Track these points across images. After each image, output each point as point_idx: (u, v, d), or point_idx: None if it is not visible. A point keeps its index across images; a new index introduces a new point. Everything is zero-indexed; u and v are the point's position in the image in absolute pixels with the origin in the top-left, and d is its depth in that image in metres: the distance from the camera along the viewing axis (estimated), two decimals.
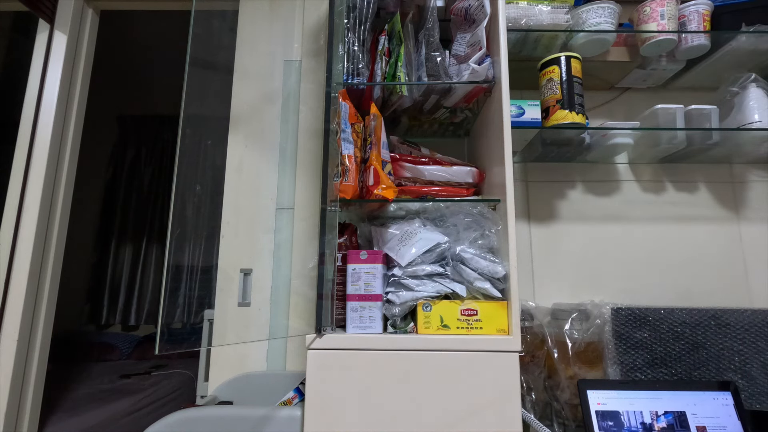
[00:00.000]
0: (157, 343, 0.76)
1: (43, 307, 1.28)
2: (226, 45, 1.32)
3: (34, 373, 1.24)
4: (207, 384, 1.13)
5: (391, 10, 1.04)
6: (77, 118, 1.42)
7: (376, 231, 0.95)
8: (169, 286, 1.11)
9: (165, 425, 0.83)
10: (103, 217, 2.88)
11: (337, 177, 0.86)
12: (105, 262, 2.82)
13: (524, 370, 0.93)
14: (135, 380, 2.01)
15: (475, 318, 0.83)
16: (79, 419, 1.54)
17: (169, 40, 2.18)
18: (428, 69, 0.96)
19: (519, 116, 0.99)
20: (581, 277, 1.17)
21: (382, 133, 0.90)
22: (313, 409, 0.79)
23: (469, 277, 0.84)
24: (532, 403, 0.94)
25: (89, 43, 1.46)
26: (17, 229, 1.26)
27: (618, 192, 1.21)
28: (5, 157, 1.34)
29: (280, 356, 1.15)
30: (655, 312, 0.96)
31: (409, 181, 0.95)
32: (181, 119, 0.75)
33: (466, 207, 0.91)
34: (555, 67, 0.96)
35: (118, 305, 2.76)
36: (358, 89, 0.99)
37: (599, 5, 1.03)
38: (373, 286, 0.85)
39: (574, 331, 0.95)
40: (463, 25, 0.99)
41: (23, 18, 1.93)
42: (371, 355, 0.81)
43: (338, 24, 0.95)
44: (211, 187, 1.28)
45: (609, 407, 0.79)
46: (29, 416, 1.23)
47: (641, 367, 0.93)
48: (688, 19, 1.05)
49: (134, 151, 2.97)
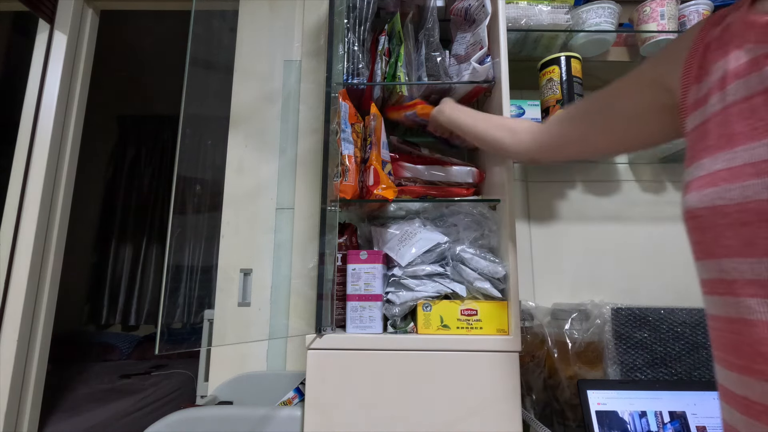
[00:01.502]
0: (157, 343, 0.76)
1: (43, 307, 1.28)
2: (226, 45, 1.32)
3: (34, 373, 1.24)
4: (207, 384, 1.13)
5: (391, 10, 1.04)
6: (77, 118, 1.42)
7: (376, 231, 0.95)
8: (169, 286, 1.11)
9: (165, 425, 0.83)
10: (103, 217, 2.88)
11: (337, 177, 0.86)
12: (105, 262, 2.82)
13: (524, 370, 0.93)
14: (135, 380, 2.01)
15: (475, 318, 0.83)
16: (79, 419, 1.54)
17: (168, 40, 2.18)
18: (428, 69, 0.96)
19: (519, 116, 0.99)
20: (581, 277, 1.17)
21: (382, 133, 0.90)
22: (313, 409, 0.79)
23: (469, 277, 0.84)
24: (532, 403, 0.94)
25: (89, 43, 1.47)
26: (17, 229, 1.26)
27: (618, 192, 1.21)
28: (5, 157, 1.34)
29: (280, 356, 1.15)
30: (655, 312, 0.96)
31: (409, 181, 0.95)
32: (181, 119, 0.75)
33: (466, 207, 0.91)
34: (555, 67, 0.96)
35: (118, 305, 2.76)
36: (358, 89, 0.99)
37: (599, 5, 1.03)
38: (373, 286, 0.85)
39: (574, 331, 0.95)
40: (463, 25, 0.99)
41: (23, 18, 1.93)
42: (371, 355, 0.81)
43: (338, 24, 0.95)
44: (211, 187, 1.28)
45: (609, 407, 0.79)
46: (29, 416, 1.23)
47: (641, 367, 0.93)
48: (688, 19, 1.05)
49: (134, 151, 2.97)
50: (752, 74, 0.35)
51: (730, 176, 0.35)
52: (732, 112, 0.36)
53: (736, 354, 0.36)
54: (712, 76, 0.40)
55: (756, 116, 0.34)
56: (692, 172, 0.40)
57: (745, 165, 0.34)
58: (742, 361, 0.35)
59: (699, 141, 0.40)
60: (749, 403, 0.35)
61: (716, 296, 0.38)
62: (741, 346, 0.35)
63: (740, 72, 0.36)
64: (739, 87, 0.36)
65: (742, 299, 0.34)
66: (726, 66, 0.38)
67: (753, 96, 0.35)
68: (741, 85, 0.36)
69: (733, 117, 0.36)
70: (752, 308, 0.34)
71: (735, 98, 0.36)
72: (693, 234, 0.39)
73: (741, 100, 0.36)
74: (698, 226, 0.38)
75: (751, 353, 0.34)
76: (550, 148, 0.66)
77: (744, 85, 0.36)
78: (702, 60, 0.42)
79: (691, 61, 0.43)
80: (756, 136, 0.33)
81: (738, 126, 0.35)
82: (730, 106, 0.37)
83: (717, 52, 0.40)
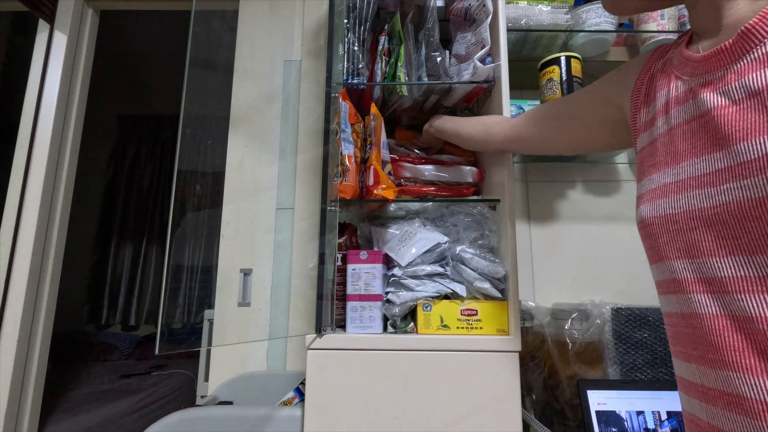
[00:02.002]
0: (157, 343, 0.76)
1: (43, 307, 1.28)
2: (226, 45, 1.32)
3: (34, 373, 1.24)
4: (207, 384, 1.13)
5: (391, 10, 1.04)
6: (77, 118, 1.42)
7: (376, 231, 0.95)
8: (169, 286, 1.11)
9: (165, 425, 0.83)
10: (103, 217, 2.88)
11: (337, 177, 0.86)
12: (105, 262, 2.82)
13: (524, 370, 0.93)
14: (135, 380, 2.01)
15: (475, 318, 0.83)
16: (79, 419, 1.54)
17: (168, 40, 2.18)
18: (428, 69, 0.96)
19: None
20: (581, 277, 1.17)
21: (382, 133, 0.90)
22: (313, 409, 0.79)
23: (469, 277, 0.84)
24: (532, 403, 0.94)
25: (89, 43, 1.46)
26: (17, 229, 1.26)
27: (618, 192, 1.21)
28: (5, 157, 1.34)
29: (280, 356, 1.15)
30: (655, 312, 0.95)
31: (409, 181, 0.95)
32: (181, 119, 0.75)
33: (466, 207, 0.91)
34: (555, 67, 0.96)
35: (118, 305, 2.76)
36: (358, 89, 0.99)
37: (599, 5, 1.03)
38: (373, 286, 0.85)
39: (574, 331, 0.95)
40: (463, 25, 0.99)
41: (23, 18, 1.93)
42: (371, 355, 0.81)
43: (338, 24, 0.95)
44: (211, 187, 1.28)
45: (609, 407, 0.79)
46: (29, 416, 1.23)
47: (641, 367, 0.93)
48: (687, 19, 1.05)
49: (134, 150, 2.97)
50: (689, 101, 0.41)
51: (677, 188, 0.40)
52: (676, 133, 0.42)
53: (693, 345, 0.40)
54: (657, 101, 0.46)
55: (695, 137, 0.40)
56: (644, 185, 0.46)
57: (689, 178, 0.39)
58: (698, 351, 0.39)
59: (648, 158, 0.46)
60: (706, 390, 0.38)
61: (671, 294, 0.42)
62: (695, 338, 0.39)
63: (680, 99, 0.42)
64: (679, 112, 0.42)
65: (691, 295, 0.39)
66: (668, 94, 0.44)
67: (691, 120, 0.40)
68: (681, 111, 0.42)
69: (677, 138, 0.42)
70: (700, 303, 0.38)
71: (678, 121, 0.42)
72: (647, 240, 0.45)
73: (683, 122, 0.42)
74: (652, 233, 0.43)
75: (704, 344, 0.38)
76: (518, 143, 0.75)
77: (683, 110, 0.42)
78: (648, 87, 0.49)
79: (639, 86, 0.50)
80: (696, 154, 0.39)
81: (681, 145, 0.41)
82: (674, 128, 0.42)
83: (661, 81, 0.46)
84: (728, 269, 0.36)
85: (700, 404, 0.39)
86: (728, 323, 0.36)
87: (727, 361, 0.36)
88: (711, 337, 0.37)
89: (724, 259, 0.36)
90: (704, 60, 0.40)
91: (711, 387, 0.38)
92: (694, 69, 0.41)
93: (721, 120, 0.37)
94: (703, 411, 0.39)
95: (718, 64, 0.39)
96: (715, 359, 0.37)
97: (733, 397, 0.35)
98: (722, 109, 0.37)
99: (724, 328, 0.36)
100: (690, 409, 0.42)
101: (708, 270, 0.37)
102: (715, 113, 0.38)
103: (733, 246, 0.35)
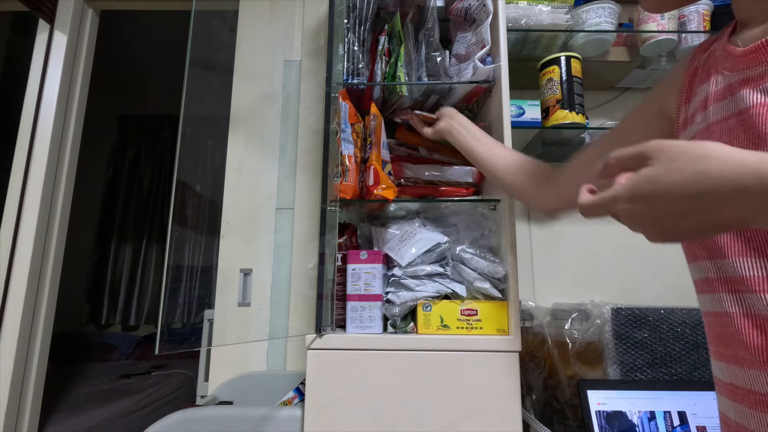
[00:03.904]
0: (157, 343, 0.76)
1: (43, 307, 1.28)
2: (226, 45, 1.32)
3: (34, 373, 1.24)
4: (207, 384, 1.13)
5: (391, 10, 1.04)
6: (77, 118, 1.42)
7: (376, 231, 0.95)
8: (169, 286, 1.11)
9: (165, 425, 0.83)
10: (103, 217, 2.88)
11: (337, 177, 0.86)
12: (105, 262, 2.82)
13: (524, 370, 0.93)
14: (135, 380, 2.01)
15: (475, 318, 0.83)
16: (79, 419, 1.54)
17: (169, 40, 2.18)
18: (428, 69, 0.96)
19: (519, 116, 0.99)
20: (581, 277, 1.17)
21: (382, 133, 0.90)
22: (313, 409, 0.79)
23: (469, 277, 0.84)
24: (532, 403, 0.94)
25: (89, 43, 1.46)
26: (17, 229, 1.25)
27: None
28: (5, 157, 1.34)
29: (280, 356, 1.15)
30: (655, 312, 0.95)
31: (409, 181, 0.95)
32: (181, 119, 0.75)
33: (466, 207, 0.91)
34: (555, 67, 0.96)
35: (118, 305, 2.76)
36: (358, 89, 0.99)
37: (599, 5, 1.03)
38: (373, 286, 0.85)
39: (574, 331, 0.95)
40: (463, 25, 0.99)
41: (23, 18, 1.93)
42: (371, 355, 0.81)
43: (338, 24, 0.95)
44: (211, 187, 1.28)
45: (609, 407, 0.79)
46: (29, 416, 1.23)
47: (641, 367, 0.93)
48: (688, 19, 1.05)
49: (134, 151, 2.97)
50: (728, 98, 0.40)
51: None
52: (714, 130, 0.41)
53: (725, 344, 0.40)
54: (697, 97, 0.45)
55: (732, 135, 0.39)
56: None
57: None
58: (729, 350, 0.39)
59: None
60: (734, 389, 0.38)
61: (705, 294, 0.42)
62: (726, 336, 0.39)
63: (718, 96, 0.41)
64: (717, 109, 0.41)
65: (720, 294, 0.39)
66: (708, 89, 0.43)
67: (729, 117, 0.39)
68: (719, 108, 0.41)
69: (715, 135, 0.41)
70: (727, 301, 0.38)
71: (716, 118, 0.41)
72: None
73: (720, 120, 0.40)
74: None
75: (734, 342, 0.38)
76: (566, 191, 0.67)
77: (722, 107, 0.40)
78: (690, 83, 0.47)
79: (683, 85, 0.49)
80: None
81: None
82: (712, 125, 0.41)
83: (702, 75, 0.45)
84: (747, 269, 0.36)
85: (729, 403, 0.39)
86: (748, 322, 0.36)
87: (753, 359, 0.36)
88: (739, 336, 0.37)
89: (745, 259, 0.36)
90: (744, 55, 0.39)
91: (739, 385, 0.38)
92: (735, 64, 0.40)
93: (760, 119, 0.36)
94: (731, 410, 0.39)
95: (759, 60, 0.37)
96: (743, 357, 0.37)
97: (759, 396, 0.35)
98: (761, 107, 0.36)
99: (746, 326, 0.36)
100: (723, 408, 0.41)
101: (729, 269, 0.38)
102: (753, 111, 0.37)
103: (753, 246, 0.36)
